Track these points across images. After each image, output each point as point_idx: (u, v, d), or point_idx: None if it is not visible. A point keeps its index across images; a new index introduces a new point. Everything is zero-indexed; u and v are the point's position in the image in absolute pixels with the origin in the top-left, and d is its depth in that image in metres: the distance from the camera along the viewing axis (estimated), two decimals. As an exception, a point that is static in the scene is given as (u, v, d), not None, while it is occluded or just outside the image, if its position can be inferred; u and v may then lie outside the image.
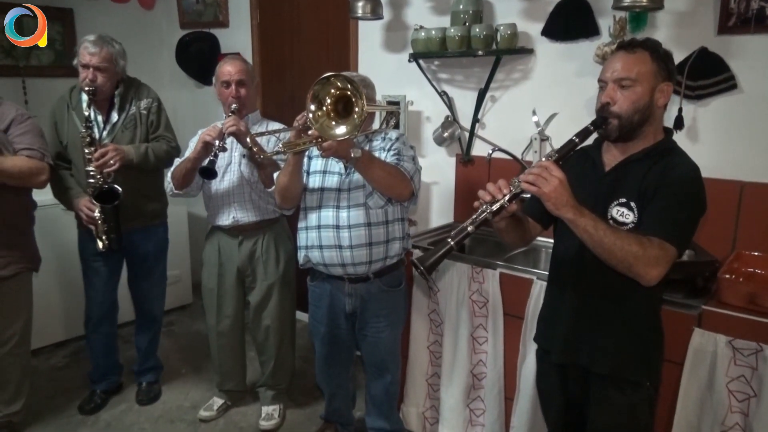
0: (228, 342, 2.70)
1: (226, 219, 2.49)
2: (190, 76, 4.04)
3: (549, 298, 1.78)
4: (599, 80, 1.56)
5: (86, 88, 2.40)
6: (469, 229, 1.46)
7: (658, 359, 1.65)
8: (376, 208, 2.05)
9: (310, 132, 1.82)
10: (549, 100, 2.53)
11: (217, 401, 2.82)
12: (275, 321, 2.62)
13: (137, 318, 2.93)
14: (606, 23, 2.31)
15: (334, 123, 1.74)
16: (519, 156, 2.59)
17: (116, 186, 2.42)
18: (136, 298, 2.87)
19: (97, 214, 2.45)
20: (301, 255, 2.18)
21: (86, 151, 2.39)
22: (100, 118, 2.53)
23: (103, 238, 2.50)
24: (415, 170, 2.05)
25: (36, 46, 3.62)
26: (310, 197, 2.13)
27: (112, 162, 2.38)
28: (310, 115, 1.74)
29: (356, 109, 1.69)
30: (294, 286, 2.71)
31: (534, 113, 2.56)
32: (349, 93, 1.71)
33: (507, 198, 1.44)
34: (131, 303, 2.90)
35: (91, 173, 2.40)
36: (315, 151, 2.08)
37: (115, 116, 2.55)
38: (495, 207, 1.45)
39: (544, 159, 1.45)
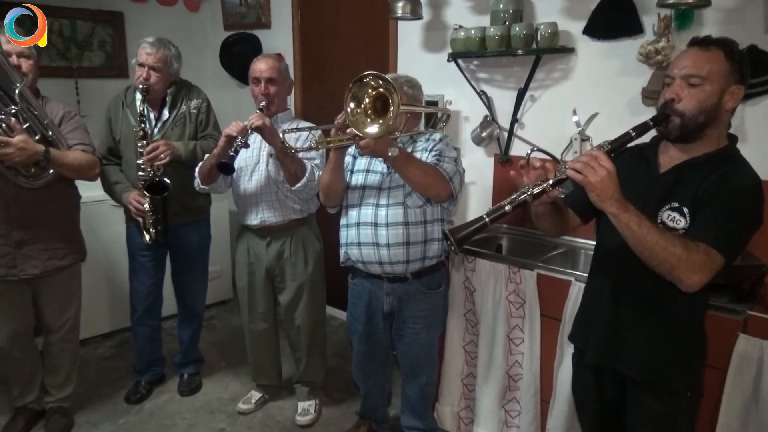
0: (261, 339, 2.75)
1: (254, 219, 2.52)
2: (232, 76, 4.14)
3: (587, 296, 1.73)
4: (666, 75, 1.48)
5: (140, 86, 2.50)
6: (506, 207, 1.41)
7: (700, 369, 1.58)
8: (414, 208, 2.06)
9: (348, 130, 1.85)
10: (590, 100, 2.50)
11: (255, 395, 2.88)
12: (305, 321, 2.66)
13: (180, 312, 3.02)
14: (650, 21, 2.26)
15: (369, 120, 1.76)
16: (558, 156, 2.57)
17: (166, 179, 2.51)
18: (179, 292, 2.96)
19: (146, 206, 2.54)
20: (341, 252, 2.20)
21: (138, 144, 2.49)
22: (152, 115, 2.64)
23: (150, 230, 2.59)
24: (455, 171, 2.03)
25: (89, 48, 3.79)
26: (352, 195, 2.16)
27: (162, 156, 2.48)
28: (349, 111, 1.76)
29: (391, 108, 1.71)
30: (324, 286, 2.73)
31: (574, 113, 2.53)
32: (384, 91, 1.73)
33: (551, 183, 1.40)
34: (174, 297, 2.99)
35: (142, 166, 2.50)
36: None
37: (166, 114, 2.65)
38: (536, 190, 1.41)
39: (595, 148, 1.40)
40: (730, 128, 1.52)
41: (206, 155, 2.48)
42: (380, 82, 1.73)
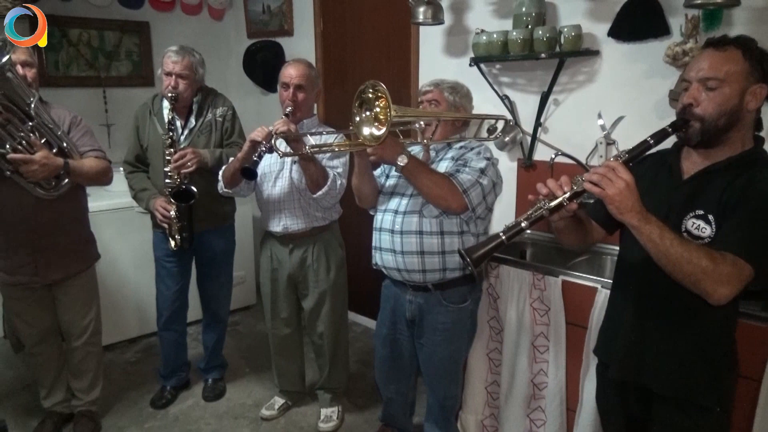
0: (284, 345, 2.76)
1: (276, 225, 2.52)
2: (256, 83, 4.19)
3: (611, 308, 1.68)
4: (683, 79, 1.43)
5: (169, 95, 2.54)
6: (523, 224, 1.38)
7: (730, 382, 1.51)
8: (429, 218, 2.01)
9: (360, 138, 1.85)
10: (615, 103, 2.45)
11: (278, 401, 2.88)
12: (328, 327, 2.66)
13: (204, 317, 3.05)
14: (677, 22, 2.22)
15: (375, 124, 1.76)
16: (583, 161, 2.52)
17: (192, 187, 2.54)
18: (204, 298, 2.99)
19: (172, 213, 2.57)
20: (373, 255, 2.21)
21: (166, 152, 2.52)
22: (179, 122, 2.67)
23: (176, 237, 2.62)
24: (473, 183, 1.95)
25: (117, 58, 3.87)
26: (382, 198, 2.16)
27: (189, 164, 2.51)
28: (363, 117, 1.77)
29: (390, 114, 1.70)
30: (346, 293, 2.73)
31: (599, 116, 2.49)
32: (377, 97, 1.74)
33: (567, 196, 1.36)
34: (199, 303, 3.02)
35: (169, 173, 2.52)
36: None
37: (192, 121, 2.69)
38: (553, 204, 1.37)
39: (612, 158, 1.35)
40: (762, 129, 1.47)
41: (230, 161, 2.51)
42: (371, 91, 1.73)
